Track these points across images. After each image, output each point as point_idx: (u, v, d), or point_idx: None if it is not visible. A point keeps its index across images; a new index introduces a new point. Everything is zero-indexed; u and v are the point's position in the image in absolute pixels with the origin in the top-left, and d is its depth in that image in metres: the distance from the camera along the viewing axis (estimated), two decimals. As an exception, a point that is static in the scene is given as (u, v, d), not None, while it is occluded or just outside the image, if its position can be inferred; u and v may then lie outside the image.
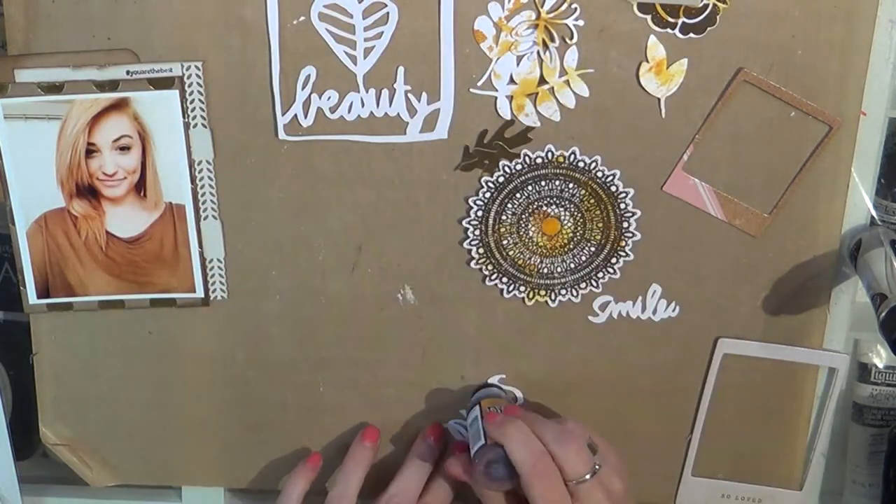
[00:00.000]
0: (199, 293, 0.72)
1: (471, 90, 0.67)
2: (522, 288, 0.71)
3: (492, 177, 0.69)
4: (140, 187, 0.69)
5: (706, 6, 0.65)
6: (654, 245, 0.70)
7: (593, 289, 0.71)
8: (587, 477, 0.62)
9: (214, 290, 0.72)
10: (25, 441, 0.77)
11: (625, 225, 0.70)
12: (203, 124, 0.68)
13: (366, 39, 0.66)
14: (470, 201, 0.69)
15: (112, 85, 0.67)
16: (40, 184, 0.69)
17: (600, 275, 0.71)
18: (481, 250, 0.71)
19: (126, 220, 0.70)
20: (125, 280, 0.72)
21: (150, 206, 0.70)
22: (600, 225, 0.70)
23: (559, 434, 0.63)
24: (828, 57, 0.65)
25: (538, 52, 0.66)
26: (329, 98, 0.67)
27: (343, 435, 0.75)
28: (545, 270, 0.71)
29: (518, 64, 0.66)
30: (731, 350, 0.72)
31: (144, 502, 0.80)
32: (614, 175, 0.68)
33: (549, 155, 0.68)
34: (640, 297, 0.71)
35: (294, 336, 0.73)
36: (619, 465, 0.65)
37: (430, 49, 0.66)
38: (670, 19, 0.65)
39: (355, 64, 0.66)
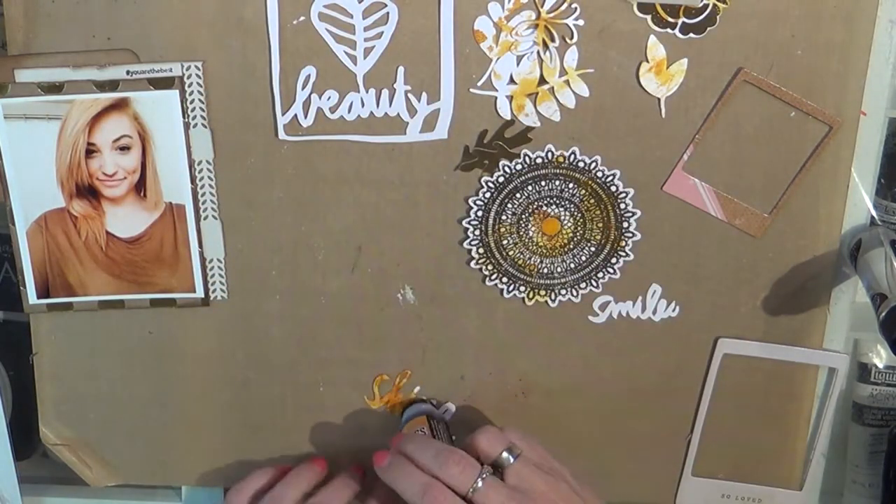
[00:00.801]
0: (199, 293, 0.72)
1: (471, 90, 0.67)
2: (522, 288, 0.71)
3: (492, 177, 0.69)
4: (140, 187, 0.69)
5: (706, 6, 0.65)
6: (654, 245, 0.70)
7: (593, 289, 0.71)
8: (478, 484, 0.60)
9: (214, 290, 0.72)
10: (25, 441, 0.77)
11: (625, 225, 0.70)
12: (203, 124, 0.68)
13: (366, 39, 0.66)
14: (470, 201, 0.69)
15: (112, 85, 0.67)
16: (40, 184, 0.69)
17: (600, 275, 0.71)
18: (481, 250, 0.71)
19: (126, 220, 0.70)
20: (125, 280, 0.72)
21: (150, 206, 0.70)
22: (600, 225, 0.70)
23: (437, 456, 0.62)
24: (828, 57, 0.65)
25: (538, 52, 0.66)
26: (329, 98, 0.67)
27: (343, 435, 0.75)
28: (545, 270, 0.71)
29: (518, 64, 0.66)
30: (731, 350, 0.72)
31: (144, 502, 0.80)
32: (614, 175, 0.68)
33: (549, 155, 0.68)
34: (640, 297, 0.71)
35: (294, 336, 0.73)
36: (541, 458, 0.64)
37: (430, 49, 0.66)
38: (670, 19, 0.65)
39: (355, 64, 0.66)
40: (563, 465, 0.65)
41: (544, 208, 0.69)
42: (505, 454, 0.62)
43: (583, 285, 0.71)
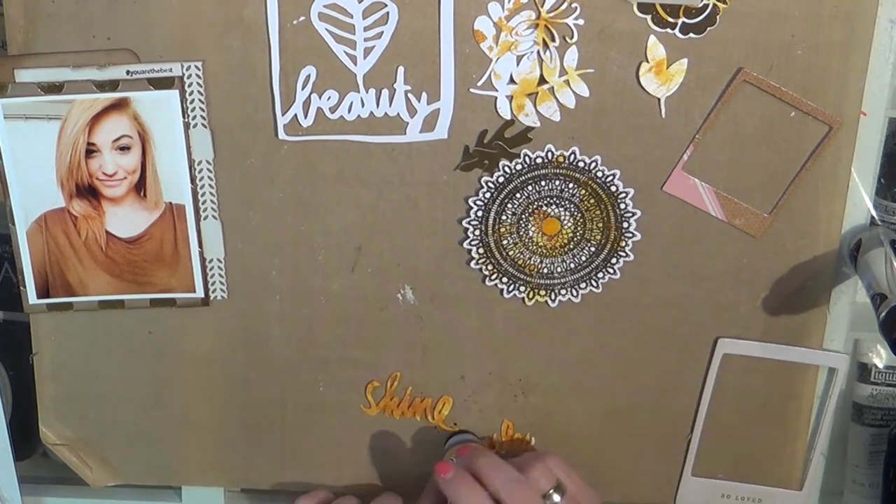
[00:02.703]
0: (199, 293, 0.72)
1: (471, 90, 0.67)
2: (522, 288, 0.71)
3: (492, 177, 0.69)
4: (140, 187, 0.69)
5: (706, 6, 0.65)
6: (654, 245, 0.70)
7: (593, 289, 0.71)
8: None
9: (214, 290, 0.72)
10: (25, 441, 0.77)
11: (625, 225, 0.70)
12: (203, 124, 0.68)
13: (366, 39, 0.66)
14: (470, 201, 0.69)
15: (112, 85, 0.67)
16: (40, 184, 0.69)
17: (600, 275, 0.71)
18: (481, 250, 0.71)
19: (126, 220, 0.70)
20: (125, 280, 0.72)
21: (150, 206, 0.70)
22: (600, 225, 0.70)
23: (507, 483, 0.62)
24: (828, 57, 0.65)
25: (538, 52, 0.66)
26: (329, 98, 0.67)
27: (343, 435, 0.76)
28: (545, 270, 0.71)
29: (518, 64, 0.66)
30: (731, 350, 0.72)
31: (144, 502, 0.80)
32: (614, 175, 0.68)
33: (549, 155, 0.68)
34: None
35: (294, 336, 0.73)
36: (580, 490, 0.65)
37: (430, 49, 0.66)
38: (670, 19, 0.65)
39: (355, 64, 0.66)
40: (596, 492, 0.66)
41: (544, 208, 0.69)
42: (552, 492, 0.63)
43: (583, 285, 0.71)
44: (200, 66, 0.67)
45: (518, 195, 0.69)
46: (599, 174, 0.68)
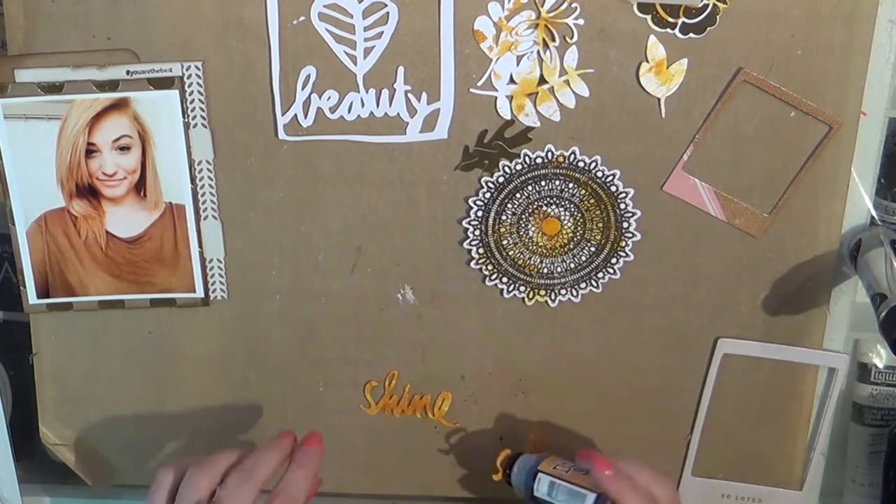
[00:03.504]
0: (199, 293, 0.72)
1: (471, 90, 0.67)
2: (522, 288, 0.71)
3: (492, 177, 0.69)
4: (140, 187, 0.69)
5: (706, 6, 0.65)
6: (654, 245, 0.70)
7: (593, 289, 0.71)
8: None
9: (214, 290, 0.72)
10: (25, 441, 0.77)
11: (625, 225, 0.70)
12: (203, 124, 0.68)
13: (366, 39, 0.66)
14: (470, 201, 0.69)
15: (112, 85, 0.67)
16: (40, 184, 0.69)
17: (600, 275, 0.71)
18: (481, 250, 0.71)
19: (126, 220, 0.70)
20: (125, 280, 0.72)
21: (150, 206, 0.70)
22: (600, 225, 0.70)
23: (655, 484, 0.63)
24: (828, 57, 0.65)
25: (538, 52, 0.66)
26: (329, 98, 0.67)
27: (343, 435, 0.75)
28: (545, 270, 0.71)
29: (518, 64, 0.66)
30: (731, 350, 0.72)
31: (144, 502, 0.79)
32: (614, 175, 0.68)
33: (549, 155, 0.68)
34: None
35: (294, 336, 0.73)
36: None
37: (430, 49, 0.66)
38: (670, 19, 0.65)
39: (355, 64, 0.66)
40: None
41: (544, 208, 0.69)
42: None
43: (583, 285, 0.71)
44: (200, 66, 0.67)
45: (518, 195, 0.69)
46: (599, 174, 0.68)
